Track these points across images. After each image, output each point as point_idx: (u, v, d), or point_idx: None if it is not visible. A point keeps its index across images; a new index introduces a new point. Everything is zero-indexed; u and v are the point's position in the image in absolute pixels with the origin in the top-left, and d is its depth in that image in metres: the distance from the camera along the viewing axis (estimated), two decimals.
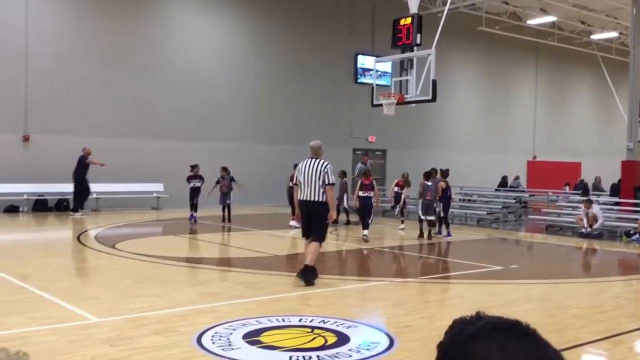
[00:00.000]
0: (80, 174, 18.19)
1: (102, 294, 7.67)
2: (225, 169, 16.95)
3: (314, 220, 8.69)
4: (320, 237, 8.68)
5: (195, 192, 17.00)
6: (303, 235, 8.97)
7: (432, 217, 14.41)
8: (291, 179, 15.28)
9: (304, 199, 8.68)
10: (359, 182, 14.27)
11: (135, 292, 7.86)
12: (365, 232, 13.70)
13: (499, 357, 0.85)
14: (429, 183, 14.32)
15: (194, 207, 16.95)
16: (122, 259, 10.60)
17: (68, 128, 19.30)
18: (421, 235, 14.33)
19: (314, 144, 8.93)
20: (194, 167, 17.28)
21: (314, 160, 8.74)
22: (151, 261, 10.33)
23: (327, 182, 8.57)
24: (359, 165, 19.07)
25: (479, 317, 0.93)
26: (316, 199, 8.58)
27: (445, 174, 15.12)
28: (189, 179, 17.18)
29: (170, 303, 7.21)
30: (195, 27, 22.15)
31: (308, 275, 8.42)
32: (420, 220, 14.48)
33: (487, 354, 0.85)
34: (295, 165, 15.64)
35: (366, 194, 13.86)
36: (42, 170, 18.62)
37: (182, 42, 21.77)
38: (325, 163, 8.69)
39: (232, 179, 16.78)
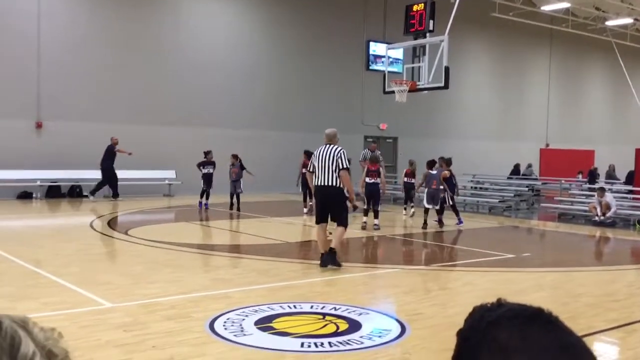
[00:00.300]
0: (108, 162, 18.51)
1: (115, 279, 7.72)
2: (235, 156, 16.92)
3: (328, 205, 8.79)
4: (343, 222, 8.86)
5: (209, 179, 16.92)
6: (316, 222, 9.01)
7: (437, 206, 14.28)
8: (304, 166, 15.22)
9: (319, 184, 8.80)
10: (366, 168, 14.16)
11: (148, 278, 7.91)
12: (376, 220, 13.64)
13: (521, 345, 0.83)
14: (434, 172, 14.19)
15: (207, 194, 16.89)
16: (135, 245, 10.66)
17: (80, 115, 19.38)
18: (425, 225, 14.08)
19: (329, 132, 9.03)
20: (207, 153, 17.15)
21: (328, 146, 8.86)
22: (164, 247, 10.39)
23: (341, 167, 8.66)
24: (365, 151, 19.00)
25: (500, 304, 0.92)
26: (331, 184, 8.69)
27: (448, 162, 14.99)
28: (203, 165, 17.04)
29: (183, 289, 7.26)
30: (208, 13, 22.12)
31: (332, 259, 8.71)
32: (426, 211, 14.36)
33: (509, 341, 0.84)
34: (306, 152, 15.76)
35: (373, 180, 13.67)
36: (54, 156, 18.73)
37: (194, 29, 21.74)
38: (339, 148, 8.80)
39: (242, 167, 16.72)
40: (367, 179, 13.68)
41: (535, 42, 32.06)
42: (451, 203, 14.79)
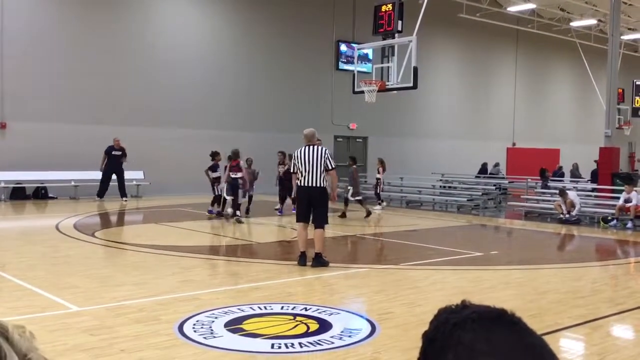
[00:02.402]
0: (106, 164, 18.58)
1: (82, 282, 7.60)
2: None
3: (315, 205, 8.95)
4: (323, 222, 9.02)
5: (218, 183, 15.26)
6: (298, 220, 9.15)
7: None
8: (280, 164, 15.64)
9: (305, 184, 8.94)
10: (229, 164, 14.61)
11: (116, 280, 7.81)
12: (238, 212, 14.14)
13: (485, 346, 0.84)
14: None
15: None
16: (102, 248, 10.52)
17: (45, 115, 19.03)
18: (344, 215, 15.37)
19: (307, 132, 9.15)
20: (216, 154, 15.43)
21: (311, 147, 8.98)
22: (132, 249, 10.27)
23: (329, 167, 8.93)
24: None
25: (464, 305, 0.92)
26: (318, 185, 8.89)
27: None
28: (214, 168, 15.39)
29: (151, 291, 7.18)
30: (177, 12, 21.91)
31: (320, 261, 8.89)
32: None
33: (474, 343, 0.85)
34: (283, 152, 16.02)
35: (235, 175, 14.35)
36: (19, 157, 18.36)
37: (163, 28, 21.53)
38: (324, 149, 9.03)
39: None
40: (231, 174, 14.40)
41: (502, 43, 32.51)
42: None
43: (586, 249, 13.15)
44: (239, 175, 14.30)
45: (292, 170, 9.28)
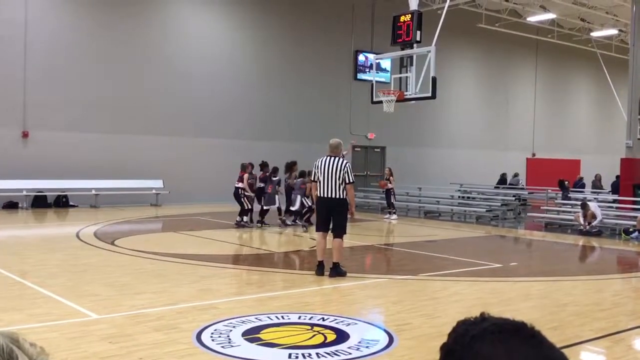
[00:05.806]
0: None
1: (101, 290, 7.67)
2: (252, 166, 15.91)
3: (333, 215, 9.01)
4: (342, 233, 9.06)
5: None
6: (318, 230, 9.22)
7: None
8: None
9: (324, 196, 8.99)
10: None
11: (135, 288, 7.86)
12: (245, 218, 15.27)
13: (504, 359, 0.84)
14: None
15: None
16: (122, 256, 10.60)
17: (67, 124, 19.29)
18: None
19: (333, 142, 9.23)
20: (266, 165, 15.78)
21: (333, 158, 9.03)
22: (151, 258, 10.33)
23: (347, 181, 8.94)
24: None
25: (483, 318, 0.93)
26: (336, 196, 8.93)
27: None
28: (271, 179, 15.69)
29: (170, 300, 7.22)
30: (196, 23, 22.12)
31: (338, 271, 8.92)
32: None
33: (493, 355, 0.85)
34: (291, 164, 16.13)
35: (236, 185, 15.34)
36: (41, 166, 18.61)
37: (181, 38, 21.73)
38: (345, 162, 9.05)
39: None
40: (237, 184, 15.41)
41: (521, 53, 32.34)
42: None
43: (607, 261, 12.98)
44: (240, 185, 15.29)
45: (312, 179, 9.32)
